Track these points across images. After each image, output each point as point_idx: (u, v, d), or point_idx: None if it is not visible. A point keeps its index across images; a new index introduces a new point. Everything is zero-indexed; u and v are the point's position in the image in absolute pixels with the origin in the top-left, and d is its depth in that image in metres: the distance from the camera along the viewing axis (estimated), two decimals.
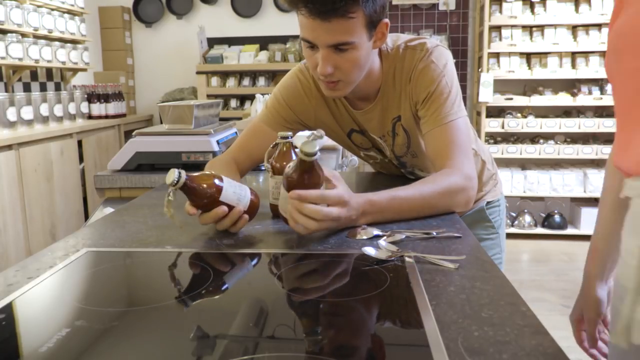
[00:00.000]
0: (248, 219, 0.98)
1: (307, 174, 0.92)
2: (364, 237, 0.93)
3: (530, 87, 4.23)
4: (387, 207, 1.01)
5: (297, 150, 0.99)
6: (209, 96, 4.32)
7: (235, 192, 0.96)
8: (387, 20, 1.10)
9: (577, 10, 3.93)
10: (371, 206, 0.99)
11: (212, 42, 4.55)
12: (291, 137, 1.08)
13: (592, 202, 4.16)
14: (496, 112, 4.22)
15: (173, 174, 0.90)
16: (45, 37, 3.58)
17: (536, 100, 4.02)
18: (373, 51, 1.13)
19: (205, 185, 0.93)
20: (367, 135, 1.32)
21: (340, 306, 0.70)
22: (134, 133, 1.77)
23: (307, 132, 1.41)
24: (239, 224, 0.97)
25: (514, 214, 4.13)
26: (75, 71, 4.07)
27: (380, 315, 0.68)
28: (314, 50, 1.08)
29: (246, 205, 0.98)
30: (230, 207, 0.95)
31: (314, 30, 1.04)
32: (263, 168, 1.02)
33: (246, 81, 4.40)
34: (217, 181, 0.95)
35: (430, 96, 1.14)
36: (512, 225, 4.08)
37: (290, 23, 4.45)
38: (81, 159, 3.43)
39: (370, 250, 0.83)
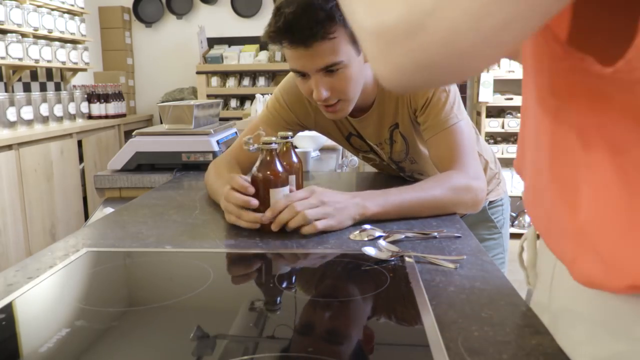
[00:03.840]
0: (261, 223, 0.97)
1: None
2: (365, 239, 0.93)
3: None
4: (386, 194, 1.02)
5: (254, 148, 1.01)
6: (209, 96, 4.31)
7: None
8: None
9: None
10: (367, 195, 1.00)
11: (212, 42, 4.54)
12: (291, 137, 1.09)
13: None
14: (496, 112, 4.22)
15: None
16: (45, 37, 3.58)
17: None
18: (366, 63, 1.10)
19: (283, 170, 0.97)
20: (365, 140, 1.32)
21: (340, 306, 0.70)
22: (134, 133, 1.77)
23: (307, 133, 1.42)
24: (248, 215, 0.97)
25: (514, 214, 4.12)
26: (75, 71, 4.07)
27: (381, 315, 0.68)
28: (306, 78, 1.09)
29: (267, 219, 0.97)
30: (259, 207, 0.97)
31: (300, 59, 1.04)
32: None
33: (246, 81, 4.39)
34: (288, 182, 0.98)
35: (428, 102, 1.14)
36: (513, 225, 4.07)
37: None
38: (81, 159, 3.43)
39: (370, 250, 0.83)
